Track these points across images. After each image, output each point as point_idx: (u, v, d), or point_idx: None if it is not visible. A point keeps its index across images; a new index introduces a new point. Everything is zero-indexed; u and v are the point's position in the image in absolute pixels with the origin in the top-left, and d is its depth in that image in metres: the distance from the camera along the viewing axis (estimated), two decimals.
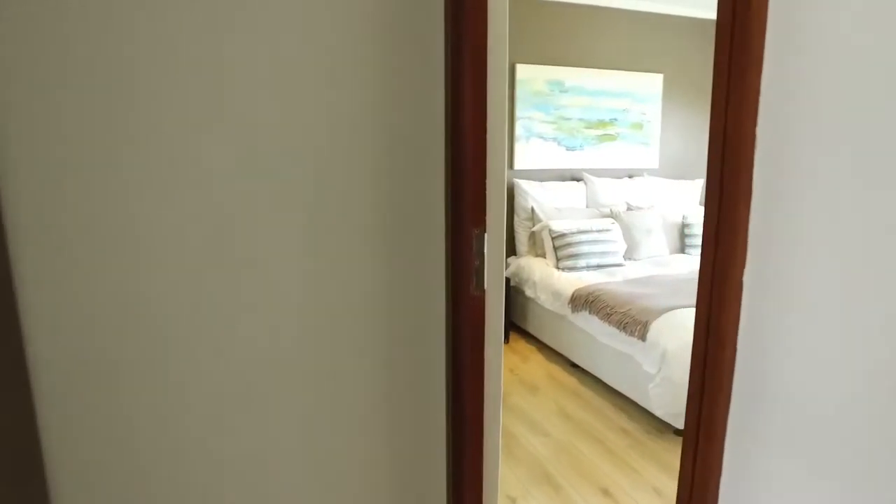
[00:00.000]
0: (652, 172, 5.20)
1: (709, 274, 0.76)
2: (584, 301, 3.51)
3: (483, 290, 1.54)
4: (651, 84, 5.03)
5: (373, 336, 1.57)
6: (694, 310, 2.93)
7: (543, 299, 4.01)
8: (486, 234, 1.51)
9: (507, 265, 4.67)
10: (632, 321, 3.09)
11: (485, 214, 1.50)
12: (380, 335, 1.58)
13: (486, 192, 1.46)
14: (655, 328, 2.96)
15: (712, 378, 0.77)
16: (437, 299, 1.64)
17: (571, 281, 3.85)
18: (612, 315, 3.24)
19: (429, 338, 1.65)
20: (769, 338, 0.76)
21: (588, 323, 3.48)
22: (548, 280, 4.02)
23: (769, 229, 0.74)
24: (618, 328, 3.16)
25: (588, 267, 4.10)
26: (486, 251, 1.52)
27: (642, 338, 2.98)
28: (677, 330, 2.90)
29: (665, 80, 5.11)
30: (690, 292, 3.52)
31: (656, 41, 5.02)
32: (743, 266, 0.75)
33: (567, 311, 3.69)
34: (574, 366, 3.85)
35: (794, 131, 0.74)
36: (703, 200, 4.51)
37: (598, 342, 3.42)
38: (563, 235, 4.15)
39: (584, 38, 4.72)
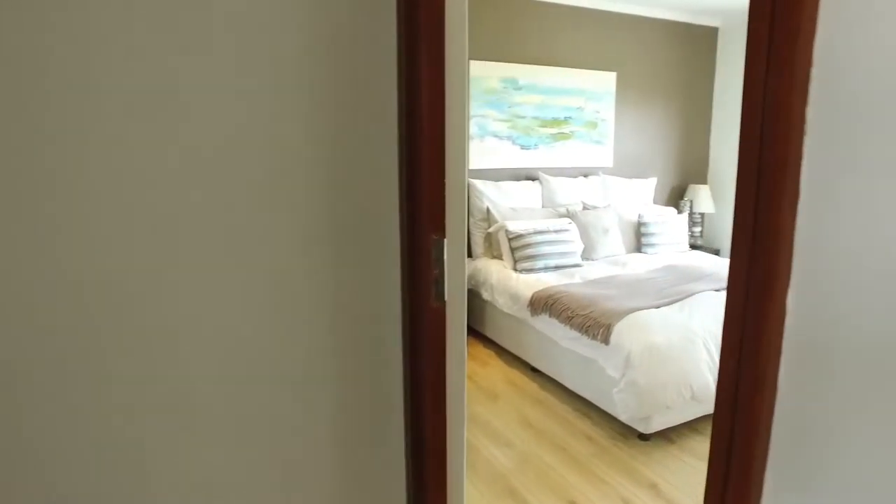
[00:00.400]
0: (606, 171, 5.17)
1: (741, 296, 0.63)
2: (543, 304, 3.40)
3: (443, 302, 1.40)
4: (605, 82, 5.00)
5: (321, 354, 1.40)
6: (657, 311, 2.84)
7: (501, 303, 3.89)
8: (444, 241, 1.36)
9: None
10: (594, 324, 2.99)
11: (444, 219, 1.35)
12: (329, 353, 1.41)
13: (446, 196, 1.31)
14: (618, 331, 2.87)
15: (746, 433, 0.63)
16: (393, 313, 1.48)
17: (530, 283, 3.74)
18: (573, 318, 3.14)
19: (384, 355, 1.49)
20: (820, 377, 0.63)
21: (548, 326, 3.38)
22: (505, 283, 3.91)
23: (821, 239, 0.61)
24: (580, 331, 3.06)
25: (546, 268, 4.01)
26: (445, 259, 1.37)
27: (605, 341, 2.89)
28: (641, 332, 2.82)
29: (618, 79, 5.08)
30: (651, 293, 3.49)
31: (609, 39, 4.99)
32: (787, 285, 0.62)
33: (526, 314, 3.58)
34: (534, 370, 3.75)
35: (860, 112, 0.60)
36: (656, 198, 4.43)
37: (559, 346, 3.32)
38: (519, 236, 4.04)
39: (537, 34, 4.64)
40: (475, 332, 4.47)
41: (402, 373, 1.50)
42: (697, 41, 5.52)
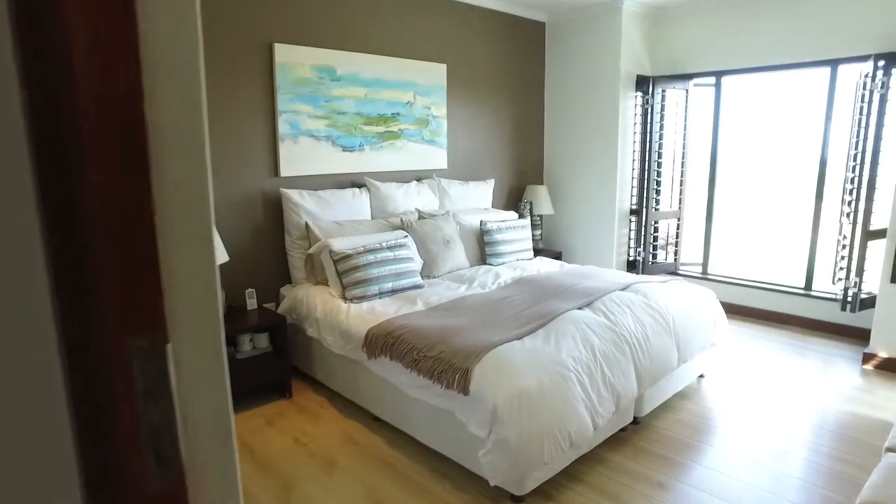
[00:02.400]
0: (441, 174, 4.64)
1: None
2: (382, 344, 2.72)
3: (177, 471, 0.64)
4: (435, 75, 4.45)
5: None
6: (519, 343, 2.29)
7: (331, 341, 3.14)
8: (169, 346, 0.61)
9: (281, 297, 3.71)
10: (447, 368, 2.38)
11: (161, 301, 0.60)
12: None
13: (163, 252, 0.56)
14: (479, 376, 2.28)
15: None
16: None
17: (363, 315, 3.04)
18: (420, 361, 2.50)
19: None
20: None
21: (391, 372, 2.70)
22: (334, 316, 3.16)
23: None
24: (430, 379, 2.43)
25: (381, 293, 3.34)
26: (173, 381, 0.62)
27: (463, 391, 2.29)
28: (505, 375, 2.26)
29: (449, 72, 4.57)
30: (509, 318, 2.85)
31: (438, 27, 4.46)
32: None
33: (362, 356, 2.87)
34: (377, 419, 3.05)
35: None
36: (495, 202, 3.96)
37: (407, 396, 2.66)
38: (347, 257, 3.32)
39: (356, 16, 3.94)
40: (302, 375, 3.66)
41: None
42: (526, 35, 5.22)
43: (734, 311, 4.94)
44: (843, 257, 4.22)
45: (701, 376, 3.60)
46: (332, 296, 3.34)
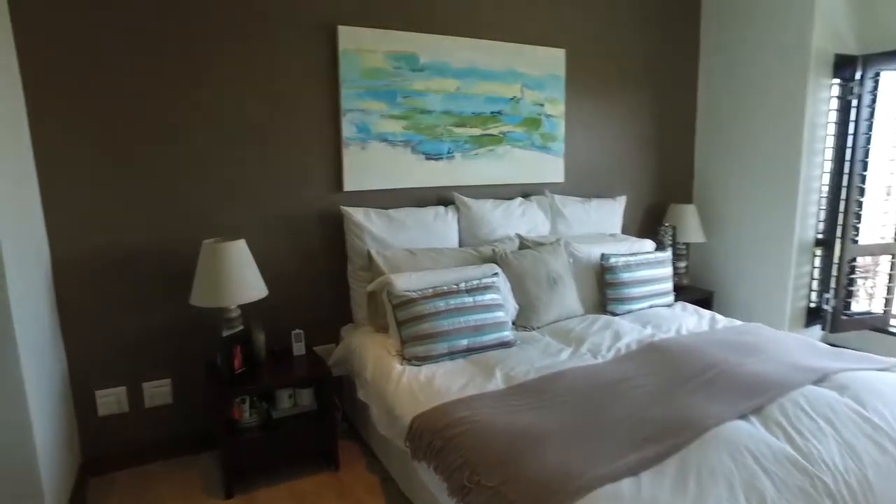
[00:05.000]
0: (556, 189, 3.67)
1: None
2: (427, 445, 1.86)
3: None
4: (549, 62, 3.50)
5: None
6: (633, 483, 1.18)
7: (376, 417, 2.33)
8: None
9: (341, 339, 2.98)
10: None
11: None
12: None
13: None
14: None
15: None
16: None
17: (415, 389, 2.19)
18: (470, 491, 1.60)
19: None
20: None
21: (438, 488, 1.83)
22: (382, 383, 2.35)
23: None
24: None
25: (452, 353, 2.47)
26: None
27: None
28: None
29: (569, 58, 3.59)
30: (623, 422, 1.64)
31: (553, 1, 3.51)
32: None
33: (407, 448, 2.03)
34: None
35: None
36: (626, 226, 2.64)
37: None
38: (409, 302, 2.49)
39: None
40: (357, 438, 2.92)
41: None
42: (674, 8, 4.08)
43: None
44: None
45: None
46: (388, 351, 2.53)
